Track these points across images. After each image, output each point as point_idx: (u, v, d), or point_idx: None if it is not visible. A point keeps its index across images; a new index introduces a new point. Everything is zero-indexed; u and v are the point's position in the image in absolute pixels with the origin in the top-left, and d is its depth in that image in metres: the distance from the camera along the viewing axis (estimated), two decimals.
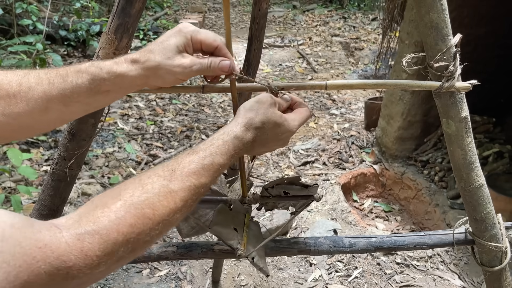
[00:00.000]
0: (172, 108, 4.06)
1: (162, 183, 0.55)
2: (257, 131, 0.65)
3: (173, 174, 0.56)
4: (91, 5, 4.94)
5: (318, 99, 4.36)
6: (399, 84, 0.78)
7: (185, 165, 0.58)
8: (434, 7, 0.70)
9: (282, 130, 0.68)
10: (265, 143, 0.68)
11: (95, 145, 3.20)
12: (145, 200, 0.52)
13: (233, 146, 0.62)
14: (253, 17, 1.00)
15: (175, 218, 0.55)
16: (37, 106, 0.63)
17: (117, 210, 0.49)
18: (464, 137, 0.79)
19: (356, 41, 6.51)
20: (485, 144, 2.71)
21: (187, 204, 0.57)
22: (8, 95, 0.61)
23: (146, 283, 2.03)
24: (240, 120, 0.65)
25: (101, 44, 0.78)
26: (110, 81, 0.64)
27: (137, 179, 0.55)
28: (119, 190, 0.53)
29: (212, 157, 0.60)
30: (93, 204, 0.51)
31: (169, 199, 0.54)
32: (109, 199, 0.51)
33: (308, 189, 0.88)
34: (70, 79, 0.63)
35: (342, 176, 2.95)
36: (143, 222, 0.50)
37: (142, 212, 0.51)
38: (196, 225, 0.85)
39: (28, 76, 0.63)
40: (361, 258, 2.21)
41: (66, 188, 0.90)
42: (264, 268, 0.83)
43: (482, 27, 2.70)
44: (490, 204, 0.86)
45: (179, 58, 0.65)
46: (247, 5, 9.25)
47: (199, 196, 0.59)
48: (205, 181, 0.59)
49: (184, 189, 0.56)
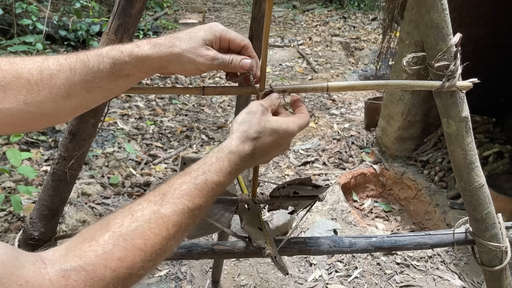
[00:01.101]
0: (172, 108, 4.06)
1: (153, 209, 0.51)
2: (255, 141, 0.63)
3: (164, 198, 0.53)
4: (91, 5, 4.95)
5: (318, 99, 4.36)
6: (401, 85, 0.78)
7: (176, 187, 0.54)
8: (435, 6, 0.70)
9: (282, 135, 0.65)
10: (266, 152, 0.65)
11: (95, 145, 3.20)
12: (135, 229, 0.48)
13: (228, 162, 0.59)
14: (253, 17, 1.00)
15: (169, 246, 0.51)
16: (60, 93, 0.62)
17: (105, 243, 0.45)
18: (465, 137, 0.79)
19: (356, 41, 6.51)
20: (485, 144, 2.71)
21: (181, 229, 0.53)
22: (29, 83, 0.60)
23: (146, 283, 2.03)
24: (234, 135, 0.62)
25: (101, 44, 0.78)
26: (132, 64, 0.63)
27: (127, 207, 0.52)
28: (108, 220, 0.49)
29: (205, 176, 0.57)
30: (81, 236, 0.47)
31: (161, 225, 0.50)
32: (97, 231, 0.47)
33: (319, 189, 0.88)
34: (91, 64, 0.62)
35: (342, 176, 2.95)
36: (133, 254, 0.47)
37: (132, 243, 0.47)
38: (204, 225, 0.84)
39: (47, 62, 0.62)
40: (361, 258, 2.21)
41: (66, 188, 0.90)
42: (284, 267, 0.83)
43: (482, 27, 2.70)
44: (490, 204, 0.86)
45: (204, 50, 0.65)
46: (247, 5, 9.25)
47: (195, 219, 0.56)
48: (199, 202, 0.55)
49: (176, 213, 0.52)
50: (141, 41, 0.65)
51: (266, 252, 0.82)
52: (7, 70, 0.60)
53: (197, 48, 0.65)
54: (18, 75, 0.60)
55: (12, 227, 2.25)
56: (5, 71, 0.59)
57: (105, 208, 2.52)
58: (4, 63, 0.60)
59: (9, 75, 0.59)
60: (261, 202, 0.88)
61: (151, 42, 0.65)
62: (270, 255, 0.81)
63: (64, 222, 2.26)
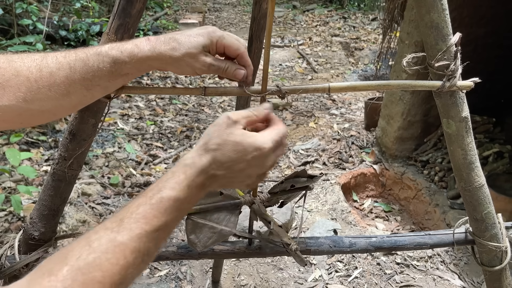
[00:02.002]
0: (172, 108, 4.07)
1: (110, 237, 0.49)
2: (213, 153, 0.58)
3: (121, 224, 0.50)
4: (91, 5, 4.95)
5: (318, 99, 4.36)
6: (402, 85, 0.78)
7: (133, 210, 0.52)
8: (435, 7, 0.70)
9: (247, 149, 0.58)
10: (232, 168, 0.59)
11: (95, 145, 3.20)
12: (92, 261, 0.46)
13: (184, 176, 0.56)
14: (253, 17, 1.00)
15: (129, 274, 0.49)
16: (60, 91, 0.62)
17: (64, 279, 0.44)
18: (465, 137, 0.79)
19: (356, 41, 6.51)
20: (485, 144, 2.71)
21: (140, 254, 0.50)
22: (29, 80, 0.60)
23: (146, 283, 2.03)
24: (194, 148, 0.60)
25: (101, 44, 0.78)
26: (131, 64, 0.64)
27: (85, 237, 0.49)
28: (67, 252, 0.47)
29: (160, 194, 0.53)
30: (40, 270, 0.46)
31: (118, 254, 0.48)
32: (56, 264, 0.46)
33: (313, 179, 0.89)
34: (91, 63, 0.63)
35: (342, 176, 2.95)
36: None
37: (90, 277, 0.45)
38: (213, 234, 0.83)
39: (46, 60, 0.62)
40: (361, 258, 2.21)
41: (66, 188, 0.90)
42: (303, 259, 0.84)
43: (482, 27, 2.70)
44: (490, 204, 0.87)
45: (202, 56, 0.67)
46: (247, 5, 9.25)
47: (158, 241, 0.53)
48: (158, 223, 0.52)
49: (133, 239, 0.49)
50: (140, 40, 0.65)
51: (293, 248, 0.82)
52: (6, 68, 0.60)
53: (196, 54, 0.66)
54: (17, 72, 0.60)
55: (12, 227, 2.25)
56: (3, 68, 0.59)
57: (105, 208, 2.52)
58: (2, 61, 0.60)
59: (7, 72, 0.59)
60: (263, 201, 0.88)
61: (151, 42, 0.65)
62: (297, 249, 0.82)
63: (64, 222, 2.26)
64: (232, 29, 7.43)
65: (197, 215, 0.80)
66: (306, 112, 4.07)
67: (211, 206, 0.81)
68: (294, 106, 4.20)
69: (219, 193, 0.81)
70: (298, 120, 3.92)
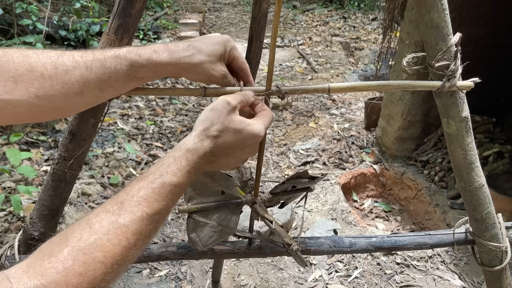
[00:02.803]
0: (172, 108, 4.07)
1: (111, 220, 0.50)
2: (215, 140, 0.61)
3: (121, 207, 0.51)
4: (91, 5, 4.95)
5: (318, 99, 4.36)
6: (402, 85, 0.77)
7: (134, 193, 0.53)
8: (435, 6, 0.70)
9: (246, 136, 0.63)
10: (230, 153, 0.63)
11: (95, 145, 3.20)
12: (93, 242, 0.47)
13: (186, 161, 0.58)
14: (253, 17, 1.00)
15: (131, 255, 0.50)
16: (73, 89, 0.62)
17: (65, 260, 0.45)
18: (465, 137, 0.79)
19: (356, 41, 6.51)
20: (485, 144, 2.71)
21: (141, 236, 0.52)
22: (43, 77, 0.60)
23: (146, 283, 2.03)
24: (194, 133, 0.61)
25: (101, 44, 0.78)
26: (148, 68, 0.65)
27: (85, 219, 0.50)
28: (67, 234, 0.48)
29: (162, 178, 0.55)
30: (40, 252, 0.47)
31: (120, 236, 0.49)
32: (56, 246, 0.46)
33: (314, 180, 0.89)
34: (108, 64, 0.63)
35: (342, 176, 2.95)
36: (94, 268, 0.46)
37: (92, 257, 0.46)
38: (214, 233, 0.83)
39: (62, 58, 0.62)
40: (361, 258, 2.21)
41: (66, 188, 0.90)
42: (304, 259, 0.84)
43: (482, 27, 2.70)
44: (490, 204, 0.86)
45: (219, 65, 0.69)
46: (247, 5, 9.25)
47: (156, 224, 0.54)
48: (159, 207, 0.54)
49: (135, 221, 0.51)
50: (158, 46, 0.66)
51: (294, 248, 0.82)
52: (20, 62, 0.59)
53: (214, 62, 0.68)
54: (31, 68, 0.60)
55: (12, 227, 2.25)
56: (17, 63, 0.59)
57: None
58: (17, 55, 0.60)
59: (21, 67, 0.59)
60: (264, 201, 0.88)
61: (169, 49, 0.66)
62: (298, 249, 0.82)
63: (64, 222, 2.26)
64: (232, 29, 7.44)
65: (199, 214, 0.79)
66: (306, 112, 4.07)
67: (213, 205, 0.80)
68: (294, 106, 4.20)
69: (221, 192, 0.81)
70: (298, 120, 3.92)
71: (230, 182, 0.82)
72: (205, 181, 0.78)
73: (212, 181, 0.79)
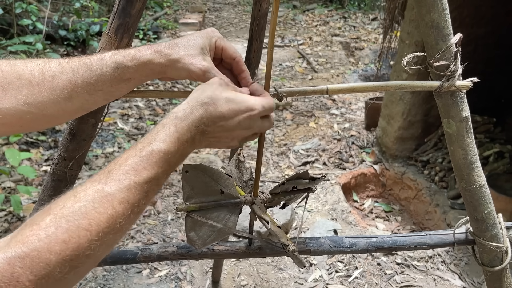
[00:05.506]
0: (172, 108, 4.06)
1: (97, 188, 0.49)
2: (207, 107, 0.59)
3: (109, 176, 0.51)
4: (91, 5, 4.95)
5: (318, 99, 4.36)
6: (400, 86, 0.77)
7: (122, 162, 0.52)
8: (435, 6, 0.70)
9: (240, 106, 0.60)
10: (223, 125, 0.60)
11: (95, 145, 3.20)
12: (78, 210, 0.46)
13: (175, 128, 0.56)
14: (253, 16, 1.00)
15: (119, 224, 0.49)
16: (62, 94, 0.62)
17: (47, 227, 0.44)
18: (465, 137, 0.79)
19: (356, 41, 6.51)
20: (486, 144, 2.71)
21: (129, 205, 0.50)
22: (30, 83, 0.60)
23: (146, 283, 2.03)
24: (184, 101, 0.60)
25: (101, 44, 0.78)
26: (133, 68, 0.65)
27: (71, 191, 0.49)
28: (51, 205, 0.47)
29: (151, 146, 0.54)
30: (24, 224, 0.46)
31: (105, 204, 0.48)
32: (39, 216, 0.46)
33: (315, 181, 0.88)
34: (94, 67, 0.63)
35: (342, 176, 2.95)
36: (78, 235, 0.45)
37: (76, 224, 0.45)
38: (212, 232, 0.83)
39: (49, 64, 0.62)
40: (361, 259, 2.21)
41: (66, 188, 0.90)
42: (302, 260, 0.83)
43: (482, 27, 2.70)
44: (490, 204, 0.86)
45: (200, 59, 0.66)
46: (247, 5, 9.25)
47: (148, 193, 0.53)
48: (148, 175, 0.52)
49: (122, 190, 0.50)
50: (142, 47, 0.67)
51: (291, 249, 0.82)
52: (8, 71, 0.60)
53: (193, 55, 0.66)
54: (19, 76, 0.60)
55: (12, 227, 2.25)
56: (5, 72, 0.60)
57: None
58: (5, 65, 0.61)
59: (10, 76, 0.60)
60: (263, 201, 0.88)
61: (152, 47, 0.66)
62: (295, 251, 0.81)
63: None
64: (232, 29, 7.43)
65: (197, 213, 0.79)
66: (306, 112, 4.07)
67: (211, 204, 0.80)
68: (294, 106, 4.20)
69: (220, 192, 0.81)
70: (298, 120, 3.92)
71: (229, 181, 0.82)
72: (204, 180, 0.78)
73: (211, 180, 0.79)
